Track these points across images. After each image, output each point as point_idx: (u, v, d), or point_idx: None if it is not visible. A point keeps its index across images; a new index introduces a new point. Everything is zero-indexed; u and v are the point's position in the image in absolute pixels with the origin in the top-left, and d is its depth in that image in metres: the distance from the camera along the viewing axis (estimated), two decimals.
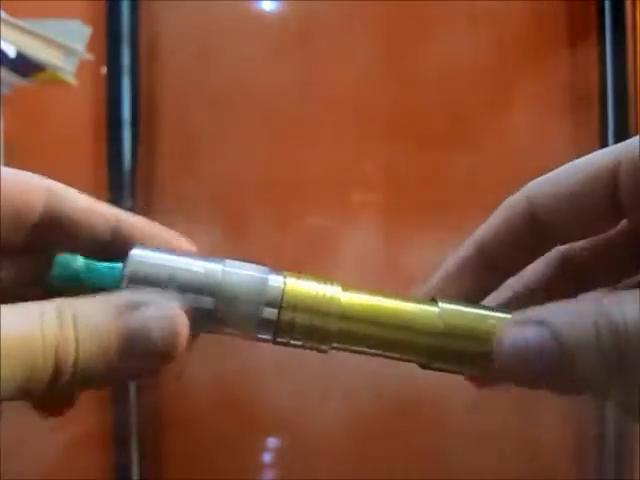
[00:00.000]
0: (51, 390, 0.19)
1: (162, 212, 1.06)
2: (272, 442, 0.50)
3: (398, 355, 0.23)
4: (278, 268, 0.23)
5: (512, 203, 0.25)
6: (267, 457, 0.47)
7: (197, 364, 0.71)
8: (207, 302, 0.21)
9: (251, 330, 0.22)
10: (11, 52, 0.76)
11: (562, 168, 0.25)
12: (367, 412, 0.55)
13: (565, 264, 0.26)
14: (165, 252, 0.22)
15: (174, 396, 0.61)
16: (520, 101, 1.11)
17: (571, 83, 1.11)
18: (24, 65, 0.81)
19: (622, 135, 1.04)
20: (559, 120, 1.11)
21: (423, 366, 0.23)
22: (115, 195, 1.08)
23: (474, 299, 0.25)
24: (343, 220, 1.08)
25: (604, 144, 1.06)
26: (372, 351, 0.23)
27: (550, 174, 0.25)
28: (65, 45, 0.84)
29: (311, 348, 0.22)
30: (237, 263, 0.22)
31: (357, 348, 0.23)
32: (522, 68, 1.11)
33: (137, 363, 0.20)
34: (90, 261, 0.22)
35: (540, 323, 0.21)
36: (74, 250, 0.23)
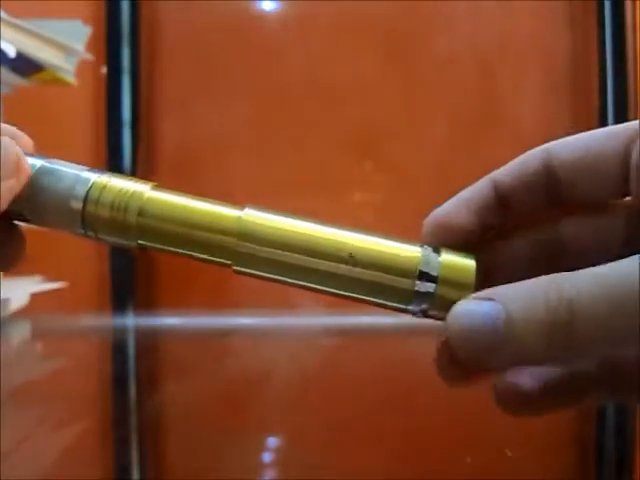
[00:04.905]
0: None
1: None
2: (273, 442, 0.50)
3: (202, 255, 0.23)
4: None
5: (531, 151, 0.25)
6: (268, 457, 0.47)
7: (197, 364, 0.71)
8: (24, 193, 0.23)
9: (60, 222, 0.23)
10: (11, 52, 0.76)
11: (586, 132, 0.24)
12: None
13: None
14: None
15: (174, 396, 0.61)
16: (519, 100, 1.11)
17: (571, 83, 1.11)
18: (24, 65, 0.81)
19: None
20: (559, 120, 1.11)
21: (235, 271, 0.23)
22: None
23: (480, 232, 0.25)
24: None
25: None
26: (176, 250, 0.23)
27: (576, 135, 0.24)
28: (65, 45, 0.84)
29: (118, 244, 0.23)
30: (61, 162, 0.24)
31: (160, 246, 0.23)
32: (521, 68, 1.11)
33: None
34: None
35: (489, 298, 0.20)
36: None
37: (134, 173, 1.10)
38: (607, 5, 1.07)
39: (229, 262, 0.23)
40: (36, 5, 0.97)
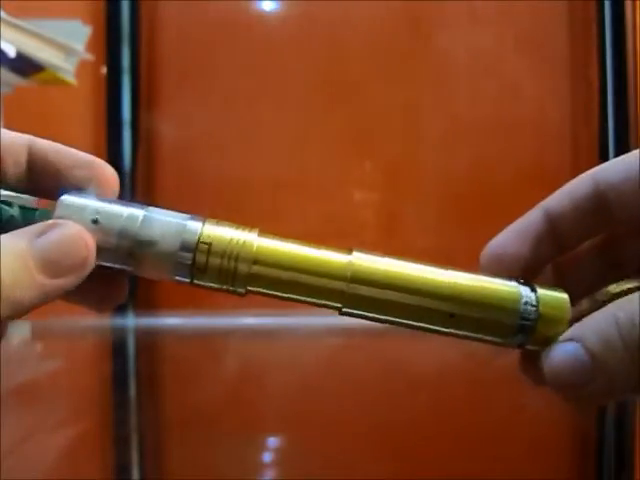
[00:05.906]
0: None
1: None
2: (272, 441, 0.50)
3: (311, 299, 0.23)
4: None
5: (579, 177, 0.25)
6: (267, 457, 0.47)
7: (197, 364, 0.71)
8: (127, 245, 0.23)
9: (169, 273, 0.23)
10: (11, 52, 0.76)
11: (633, 152, 0.25)
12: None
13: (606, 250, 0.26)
14: (94, 198, 0.24)
15: (174, 396, 0.61)
16: (519, 101, 1.11)
17: (571, 83, 1.11)
18: (24, 65, 0.81)
19: (622, 134, 1.04)
20: (558, 120, 1.11)
21: (340, 312, 0.24)
22: None
23: (533, 261, 0.25)
24: (345, 219, 1.08)
25: (604, 142, 1.06)
26: (285, 295, 0.23)
27: (619, 157, 0.25)
28: (65, 45, 0.84)
29: (227, 291, 0.23)
30: (160, 210, 0.24)
31: (269, 292, 0.23)
32: (522, 68, 1.11)
33: (57, 276, 0.21)
34: (26, 207, 0.24)
35: (572, 338, 0.22)
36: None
37: (134, 173, 1.10)
38: (607, 5, 1.07)
39: (339, 305, 0.23)
40: (36, 5, 0.97)
